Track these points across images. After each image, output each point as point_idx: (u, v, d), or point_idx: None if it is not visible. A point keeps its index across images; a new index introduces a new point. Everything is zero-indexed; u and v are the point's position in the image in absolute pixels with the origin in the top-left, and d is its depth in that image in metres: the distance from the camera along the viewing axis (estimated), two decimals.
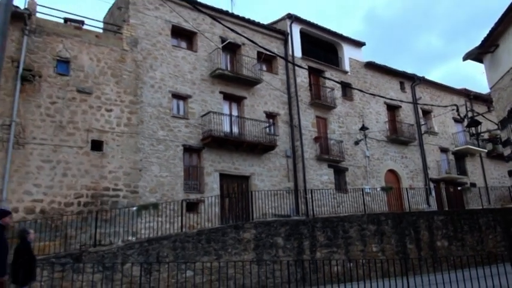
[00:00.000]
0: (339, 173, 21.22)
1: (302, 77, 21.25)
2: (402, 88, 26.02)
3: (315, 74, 22.20)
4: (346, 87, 22.85)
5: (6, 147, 12.79)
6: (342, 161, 21.21)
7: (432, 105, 24.16)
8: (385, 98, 21.81)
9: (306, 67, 20.63)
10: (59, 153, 13.71)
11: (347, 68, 23.63)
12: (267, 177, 18.62)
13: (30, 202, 12.93)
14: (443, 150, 26.54)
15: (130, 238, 13.38)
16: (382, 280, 10.23)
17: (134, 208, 14.00)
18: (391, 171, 23.53)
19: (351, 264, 13.36)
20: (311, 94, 21.42)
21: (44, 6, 15.26)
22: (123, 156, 14.92)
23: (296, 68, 20.51)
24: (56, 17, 16.51)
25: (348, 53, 23.99)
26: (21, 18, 13.63)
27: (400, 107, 24.96)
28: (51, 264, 10.36)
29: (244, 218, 16.23)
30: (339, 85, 22.24)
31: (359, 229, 15.62)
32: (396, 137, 23.98)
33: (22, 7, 14.00)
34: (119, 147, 14.92)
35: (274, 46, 20.63)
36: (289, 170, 19.49)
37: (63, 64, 14.55)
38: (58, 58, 14.46)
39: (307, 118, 20.79)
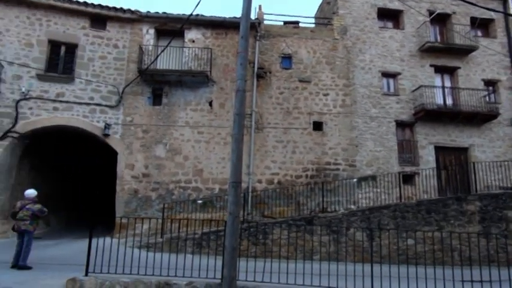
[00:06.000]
0: None
1: None
2: None
3: None
4: None
5: (250, 132, 14.42)
6: None
7: None
8: None
9: None
10: (288, 134, 14.72)
11: None
12: (488, 148, 15.81)
13: (270, 175, 14.31)
14: None
15: (351, 206, 13.40)
16: None
17: (354, 180, 13.96)
18: None
19: None
20: None
21: (268, 14, 16.52)
22: (340, 134, 14.99)
23: None
24: (277, 21, 17.78)
25: None
26: (254, 27, 15.03)
27: None
28: (289, 226, 11.21)
29: (464, 190, 14.25)
30: None
31: None
32: None
33: (253, 18, 15.42)
34: (336, 127, 15.04)
35: (492, 8, 17.11)
36: None
37: (286, 59, 15.47)
38: (282, 55, 15.44)
39: None
